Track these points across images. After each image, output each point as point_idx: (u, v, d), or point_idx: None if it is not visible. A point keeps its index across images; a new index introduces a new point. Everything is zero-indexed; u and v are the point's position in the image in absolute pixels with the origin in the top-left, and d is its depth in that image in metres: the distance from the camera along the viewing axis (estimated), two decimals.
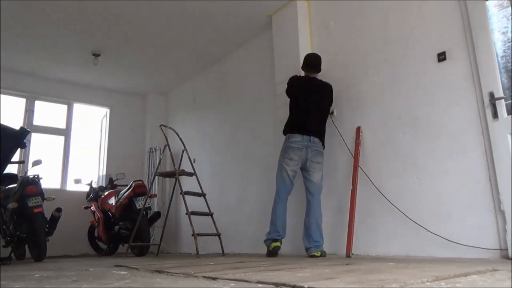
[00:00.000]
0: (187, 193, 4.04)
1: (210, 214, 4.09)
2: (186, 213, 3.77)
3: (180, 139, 4.41)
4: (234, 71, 5.66)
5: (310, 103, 3.54)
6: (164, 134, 4.17)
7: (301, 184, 3.71)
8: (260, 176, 4.38)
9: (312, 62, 3.72)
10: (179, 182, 4.08)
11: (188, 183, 4.86)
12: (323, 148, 3.56)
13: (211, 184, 5.75)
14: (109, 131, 7.13)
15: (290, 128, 3.53)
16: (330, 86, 3.70)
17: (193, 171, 4.35)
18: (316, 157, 3.47)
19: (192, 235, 3.63)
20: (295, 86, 3.66)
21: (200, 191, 4.24)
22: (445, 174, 2.89)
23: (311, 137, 3.45)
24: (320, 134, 3.54)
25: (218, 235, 3.95)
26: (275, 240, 3.34)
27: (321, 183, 3.51)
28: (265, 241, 3.43)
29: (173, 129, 4.37)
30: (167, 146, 4.30)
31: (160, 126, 4.28)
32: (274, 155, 4.24)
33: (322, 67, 3.76)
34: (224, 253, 3.75)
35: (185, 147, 4.42)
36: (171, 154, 4.15)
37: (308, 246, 3.31)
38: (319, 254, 3.26)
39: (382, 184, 3.28)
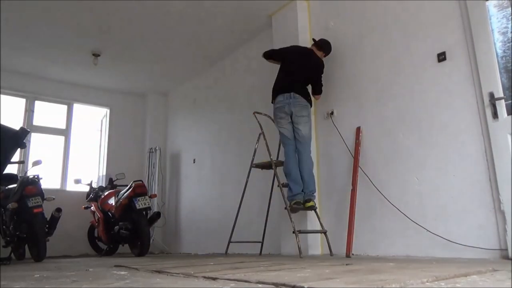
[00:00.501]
0: (285, 185, 3.63)
1: (314, 208, 3.54)
2: (285, 208, 3.44)
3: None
4: (234, 71, 5.66)
5: (295, 66, 3.71)
6: (258, 122, 3.97)
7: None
8: (260, 176, 4.38)
9: (317, 40, 3.88)
10: (277, 174, 3.72)
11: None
12: (310, 104, 3.66)
13: (212, 184, 5.75)
14: (109, 131, 7.14)
15: (273, 92, 3.71)
16: (322, 62, 3.82)
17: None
18: (300, 111, 3.57)
19: (294, 232, 3.28)
20: (285, 50, 3.84)
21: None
22: (445, 174, 2.89)
23: (292, 93, 3.58)
24: (302, 92, 3.63)
25: (324, 232, 3.57)
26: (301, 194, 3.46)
27: (309, 135, 3.64)
28: (289, 198, 3.46)
29: (268, 116, 4.13)
30: (261, 135, 3.98)
31: (254, 113, 4.02)
32: (274, 156, 4.24)
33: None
34: (332, 254, 3.46)
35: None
36: (266, 143, 3.88)
37: (304, 196, 3.44)
38: (314, 203, 3.44)
39: (382, 184, 3.28)
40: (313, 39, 3.93)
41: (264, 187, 4.33)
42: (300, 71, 3.70)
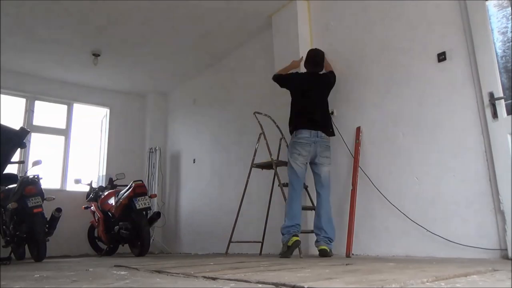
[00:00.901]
0: (286, 185, 3.59)
1: (312, 208, 3.56)
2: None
3: (277, 126, 4.07)
4: (234, 71, 5.66)
5: (312, 97, 3.51)
6: (259, 122, 3.97)
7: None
8: (260, 176, 4.38)
9: (313, 58, 3.70)
10: (277, 174, 3.68)
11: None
12: (333, 134, 3.53)
13: (212, 184, 5.75)
14: (109, 131, 7.13)
15: (295, 123, 3.45)
16: (327, 74, 3.71)
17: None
18: (324, 152, 3.42)
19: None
20: (293, 79, 3.65)
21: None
22: (445, 174, 2.89)
23: (318, 132, 3.40)
24: (327, 126, 3.48)
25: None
26: (296, 235, 3.19)
27: (330, 176, 3.46)
28: (283, 239, 3.24)
29: (269, 116, 4.08)
30: (262, 135, 3.98)
31: (254, 113, 4.02)
32: (274, 156, 4.24)
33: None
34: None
35: (282, 135, 4.07)
36: (267, 143, 3.83)
37: (318, 239, 3.24)
38: (328, 249, 3.15)
39: (382, 184, 3.28)
40: (306, 54, 3.77)
41: (264, 187, 4.33)
42: (320, 103, 3.51)
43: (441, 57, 3.02)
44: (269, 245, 4.13)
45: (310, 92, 3.53)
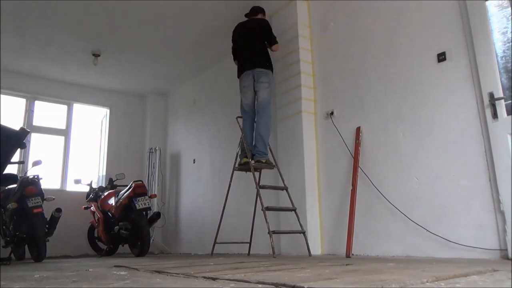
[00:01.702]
0: (264, 187, 3.73)
1: (293, 209, 3.60)
2: (262, 209, 3.41)
3: None
4: (234, 71, 5.63)
5: (246, 41, 4.08)
6: (240, 126, 4.02)
7: (294, 188, 3.71)
8: (260, 177, 4.38)
9: (249, 11, 4.24)
10: (254, 176, 3.72)
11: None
12: (270, 69, 3.95)
13: (212, 184, 5.75)
14: (109, 131, 7.14)
15: (238, 71, 4.10)
16: (264, 21, 4.13)
17: (274, 163, 3.95)
18: (260, 78, 3.87)
19: (268, 232, 3.27)
20: (234, 33, 4.26)
21: (282, 185, 3.80)
22: (445, 174, 2.89)
23: (255, 69, 3.90)
24: (260, 61, 3.93)
25: (303, 232, 3.54)
26: (245, 157, 3.86)
27: (268, 99, 3.86)
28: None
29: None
30: (242, 139, 4.03)
31: (237, 118, 4.15)
32: (274, 156, 4.24)
33: (322, 66, 3.76)
34: (311, 254, 3.45)
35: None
36: (246, 147, 3.86)
37: (254, 152, 3.79)
38: (264, 160, 3.76)
39: (382, 184, 3.28)
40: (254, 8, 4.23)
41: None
42: (252, 44, 4.01)
43: (441, 57, 3.02)
44: (269, 245, 4.13)
45: (243, 39, 4.13)
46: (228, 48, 5.72)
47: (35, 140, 6.32)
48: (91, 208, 5.35)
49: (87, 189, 5.76)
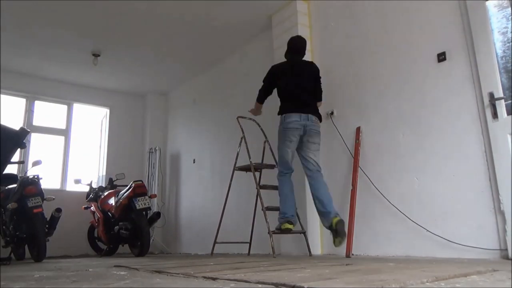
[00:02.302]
0: (264, 187, 3.70)
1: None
2: (262, 209, 3.41)
3: (262, 130, 4.20)
4: (234, 71, 5.66)
5: (298, 82, 3.39)
6: (240, 126, 4.02)
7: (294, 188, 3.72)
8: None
9: (295, 45, 3.53)
10: (255, 176, 3.71)
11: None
12: (321, 120, 3.45)
13: (211, 184, 5.75)
14: (109, 131, 7.13)
15: (284, 108, 3.35)
16: (314, 64, 3.60)
17: (275, 163, 3.90)
18: (313, 138, 3.31)
19: (268, 232, 3.25)
20: (276, 72, 3.53)
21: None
22: (445, 174, 2.89)
23: (309, 115, 3.29)
24: (316, 111, 3.40)
25: (303, 232, 3.53)
26: (289, 222, 3.23)
27: (319, 158, 3.37)
28: (279, 220, 3.31)
29: (253, 120, 4.16)
30: (243, 139, 4.03)
31: (237, 118, 4.08)
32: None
33: (322, 66, 3.75)
34: (311, 254, 3.46)
35: (266, 138, 4.17)
36: (247, 147, 3.91)
37: (330, 216, 3.08)
38: (342, 220, 3.07)
39: (382, 184, 3.28)
40: (287, 43, 3.62)
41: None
42: (307, 88, 3.40)
43: (441, 57, 3.02)
44: (268, 245, 4.13)
45: (294, 77, 3.42)
46: (228, 48, 5.72)
47: (35, 140, 6.32)
48: (91, 208, 5.35)
49: (87, 189, 5.76)
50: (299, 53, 3.57)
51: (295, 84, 3.39)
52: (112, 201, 5.07)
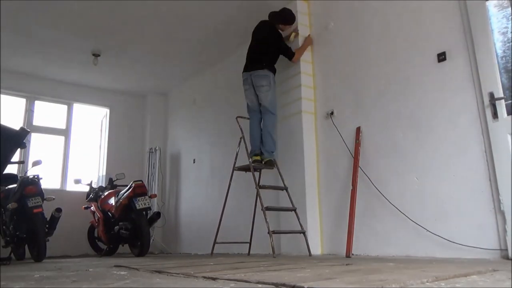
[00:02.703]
0: (264, 187, 3.78)
1: (293, 209, 3.63)
2: (262, 209, 3.46)
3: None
4: (234, 71, 5.64)
5: (254, 44, 4.09)
6: (240, 126, 4.09)
7: (294, 188, 3.72)
8: (260, 177, 4.38)
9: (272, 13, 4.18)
10: (254, 176, 3.80)
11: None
12: (271, 71, 3.93)
13: (211, 184, 5.75)
14: (109, 131, 7.13)
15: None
16: (277, 32, 4.07)
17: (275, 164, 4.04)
18: (259, 81, 3.88)
19: (268, 232, 3.31)
20: (252, 35, 4.19)
21: (282, 185, 3.83)
22: (445, 174, 2.89)
23: (252, 71, 3.93)
24: (259, 64, 3.91)
25: (303, 232, 3.56)
26: (255, 154, 3.90)
27: (270, 103, 3.87)
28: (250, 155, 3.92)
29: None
30: (242, 139, 4.14)
31: (237, 118, 4.19)
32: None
33: (322, 66, 3.77)
34: (311, 254, 3.48)
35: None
36: (246, 147, 4.04)
37: (263, 151, 3.85)
38: (266, 160, 3.82)
39: (382, 184, 3.28)
40: (274, 13, 4.14)
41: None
42: (258, 47, 4.03)
43: (441, 57, 3.02)
44: (268, 245, 4.13)
45: (254, 41, 4.12)
46: (228, 48, 5.74)
47: (35, 140, 6.32)
48: (91, 208, 5.35)
49: (87, 189, 5.76)
50: (271, 18, 4.17)
51: (252, 47, 4.12)
52: (112, 201, 5.07)
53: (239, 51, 5.49)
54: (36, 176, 4.40)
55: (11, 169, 4.32)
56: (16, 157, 4.02)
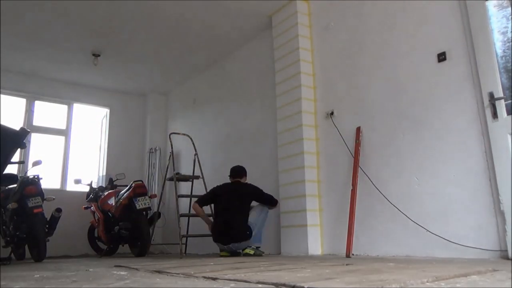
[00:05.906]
0: (183, 196, 4.51)
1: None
2: (179, 216, 3.98)
3: (193, 144, 4.82)
4: (234, 71, 5.66)
5: (229, 206, 3.81)
6: (171, 143, 4.52)
7: (294, 188, 3.71)
8: (260, 177, 4.38)
9: (234, 170, 4.08)
10: (176, 186, 4.36)
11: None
12: (252, 234, 3.70)
13: (212, 184, 5.74)
14: (109, 131, 7.13)
15: (214, 236, 3.91)
16: (250, 186, 3.96)
17: (200, 175, 4.69)
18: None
19: (180, 237, 3.84)
20: (214, 193, 4.02)
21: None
22: (445, 174, 2.89)
23: (232, 244, 3.71)
24: (241, 235, 3.68)
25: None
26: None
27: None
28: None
29: (187, 136, 4.79)
30: (171, 155, 4.63)
31: (170, 134, 4.66)
32: (273, 156, 4.25)
33: (322, 65, 3.76)
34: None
35: (196, 152, 4.87)
36: (173, 162, 4.50)
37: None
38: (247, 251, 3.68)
39: (382, 184, 3.28)
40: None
41: (264, 188, 4.34)
42: (236, 211, 3.77)
43: (441, 57, 3.02)
44: (268, 245, 4.13)
45: (227, 201, 3.85)
46: (228, 48, 5.73)
47: (35, 140, 6.32)
48: (91, 208, 5.35)
49: (87, 189, 5.76)
50: (237, 174, 4.06)
51: (227, 209, 3.83)
52: (112, 201, 5.07)
53: (239, 51, 5.50)
54: (36, 176, 4.40)
55: (11, 169, 4.31)
56: (16, 157, 4.01)
